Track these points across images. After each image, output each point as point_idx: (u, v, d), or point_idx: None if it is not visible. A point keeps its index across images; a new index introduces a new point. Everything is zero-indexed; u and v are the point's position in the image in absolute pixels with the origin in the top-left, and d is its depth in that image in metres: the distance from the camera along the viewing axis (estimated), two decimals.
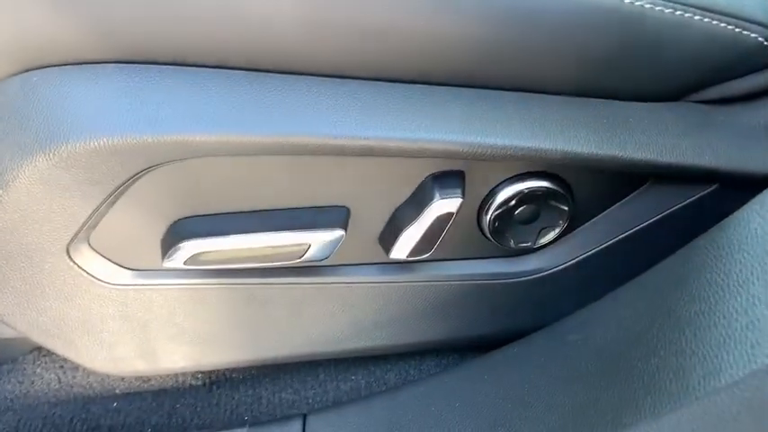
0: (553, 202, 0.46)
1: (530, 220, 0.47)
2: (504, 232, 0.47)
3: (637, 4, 0.40)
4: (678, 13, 0.40)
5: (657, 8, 0.40)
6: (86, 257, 0.45)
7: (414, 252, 0.46)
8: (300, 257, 0.45)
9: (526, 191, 0.45)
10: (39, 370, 0.58)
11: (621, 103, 0.45)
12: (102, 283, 0.45)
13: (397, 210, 0.46)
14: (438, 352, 0.59)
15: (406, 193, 0.45)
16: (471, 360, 0.48)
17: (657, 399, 0.31)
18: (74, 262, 0.44)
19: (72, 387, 0.56)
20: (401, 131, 0.40)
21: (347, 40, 0.39)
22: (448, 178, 0.44)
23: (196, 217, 0.44)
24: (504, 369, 0.44)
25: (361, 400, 0.49)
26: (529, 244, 0.49)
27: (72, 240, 0.43)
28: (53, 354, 0.58)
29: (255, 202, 0.44)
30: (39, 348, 0.59)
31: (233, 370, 0.58)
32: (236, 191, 0.43)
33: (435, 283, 0.51)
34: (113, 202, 0.42)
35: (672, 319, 0.35)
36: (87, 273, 0.45)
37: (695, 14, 0.41)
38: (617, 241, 0.50)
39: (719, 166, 0.45)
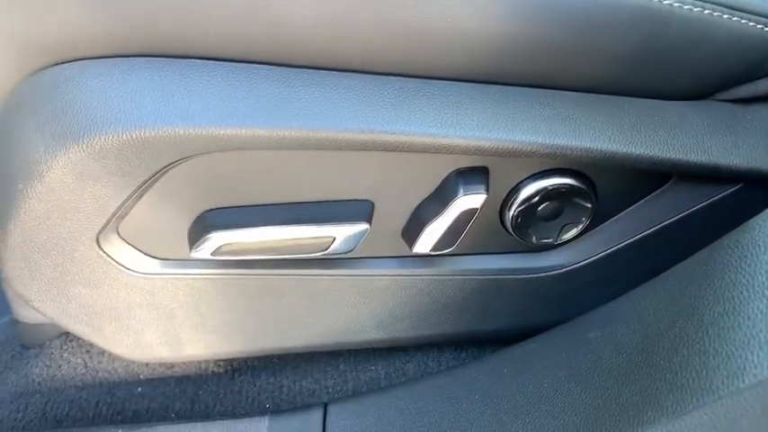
0: (577, 200, 0.47)
1: (553, 216, 0.47)
2: (527, 228, 0.48)
3: (665, 2, 0.40)
4: (707, 12, 0.40)
5: (686, 7, 0.40)
6: (115, 246, 0.45)
7: (437, 246, 0.47)
8: (325, 250, 0.46)
9: (550, 188, 0.45)
10: (66, 354, 0.59)
11: (647, 101, 0.45)
12: (130, 272, 0.46)
13: (421, 204, 0.46)
14: (457, 345, 0.60)
15: (431, 187, 0.46)
16: (491, 353, 0.48)
17: (680, 396, 0.32)
18: (103, 251, 0.45)
19: (98, 372, 0.58)
20: (427, 127, 0.40)
21: (375, 37, 0.39)
22: (472, 174, 0.44)
23: (224, 209, 0.45)
24: (525, 363, 0.45)
25: (382, 391, 0.50)
26: (551, 240, 0.49)
27: (102, 230, 0.44)
28: (79, 339, 0.59)
29: (282, 194, 0.45)
30: (66, 333, 0.60)
31: (254, 358, 0.59)
32: (264, 184, 0.44)
33: (456, 276, 0.51)
34: (143, 193, 0.42)
35: (695, 318, 0.35)
36: (116, 261, 0.46)
37: (724, 13, 0.41)
38: (639, 238, 0.50)
39: (745, 166, 0.44)
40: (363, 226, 0.45)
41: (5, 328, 0.65)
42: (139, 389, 0.57)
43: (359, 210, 0.46)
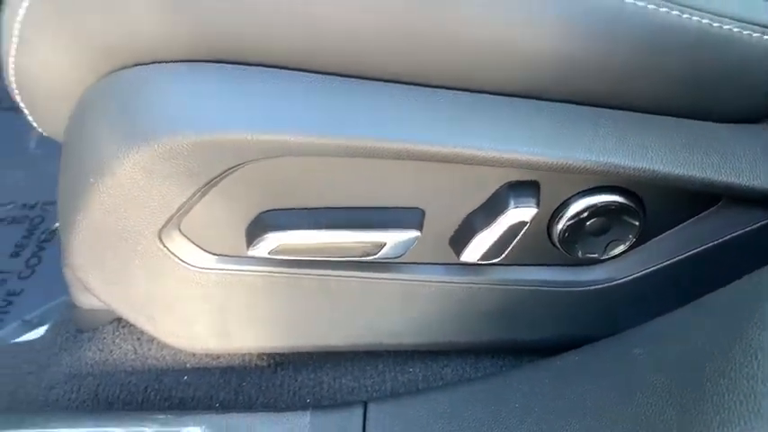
0: (625, 217, 0.47)
1: (600, 232, 0.48)
2: (574, 242, 0.49)
3: (725, 27, 0.40)
4: (766, 38, 0.41)
5: (746, 32, 0.40)
6: (176, 242, 0.48)
7: (484, 256, 0.48)
8: (375, 254, 0.48)
9: (599, 204, 0.46)
10: (117, 340, 0.62)
11: (701, 123, 0.45)
12: (188, 266, 0.49)
13: (471, 214, 0.47)
14: (494, 352, 0.61)
15: (481, 198, 0.47)
16: (532, 363, 0.49)
17: (727, 419, 0.32)
18: (164, 245, 0.47)
19: (147, 359, 0.60)
20: (482, 141, 0.41)
21: (434, 52, 0.41)
22: (523, 188, 0.45)
23: (281, 210, 0.46)
24: (567, 375, 0.45)
25: (420, 393, 0.51)
26: (596, 255, 0.50)
27: (164, 225, 0.46)
28: (131, 326, 0.61)
29: (337, 199, 0.46)
30: (118, 320, 0.63)
31: (296, 354, 0.61)
32: (320, 188, 0.46)
33: (500, 286, 0.52)
34: (206, 192, 0.44)
35: (743, 341, 0.35)
36: (175, 256, 0.48)
37: None
38: (686, 257, 0.51)
39: None
40: (414, 233, 0.47)
41: (61, 311, 0.68)
42: (186, 377, 0.59)
43: (410, 217, 0.47)
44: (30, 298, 0.80)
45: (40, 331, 0.69)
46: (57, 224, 0.87)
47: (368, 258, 0.48)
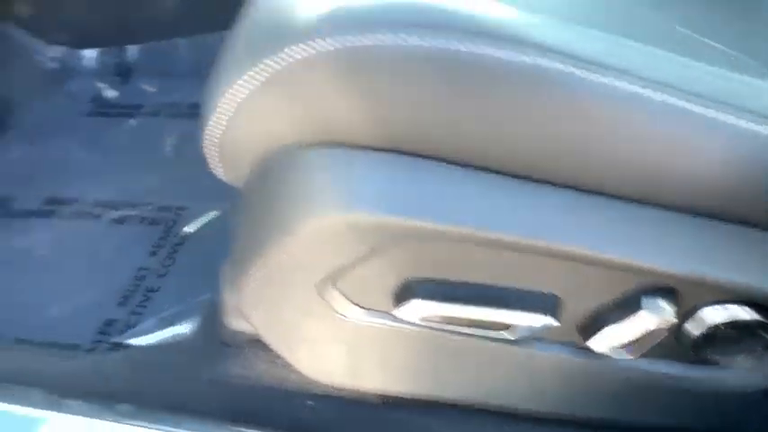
0: (759, 331, 0.49)
1: (731, 341, 0.50)
2: (703, 347, 0.50)
3: None
4: None
5: None
6: (330, 294, 0.54)
7: (611, 348, 0.51)
8: (506, 330, 0.52)
9: (734, 317, 0.48)
10: (255, 360, 0.69)
11: None
12: (338, 315, 0.55)
13: (604, 307, 0.50)
14: (599, 429, 0.63)
15: (617, 294, 0.49)
16: None
17: None
18: (319, 296, 0.53)
19: (280, 380, 0.67)
20: (621, 249, 0.45)
21: (590, 164, 0.44)
22: (659, 294, 0.48)
23: (425, 279, 0.51)
24: None
25: None
26: (725, 362, 0.51)
27: (322, 281, 0.52)
28: (269, 348, 0.68)
29: (478, 276, 0.51)
30: (257, 341, 0.70)
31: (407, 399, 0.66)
32: (463, 265, 0.50)
33: (618, 374, 0.55)
34: (365, 260, 0.50)
35: None
36: (329, 306, 0.54)
37: None
38: None
39: None
40: (548, 320, 0.50)
41: (198, 315, 0.76)
42: (311, 402, 0.66)
43: (545, 302, 0.50)
44: (164, 297, 0.87)
45: (176, 330, 0.78)
46: (186, 229, 0.95)
47: (498, 335, 0.52)
